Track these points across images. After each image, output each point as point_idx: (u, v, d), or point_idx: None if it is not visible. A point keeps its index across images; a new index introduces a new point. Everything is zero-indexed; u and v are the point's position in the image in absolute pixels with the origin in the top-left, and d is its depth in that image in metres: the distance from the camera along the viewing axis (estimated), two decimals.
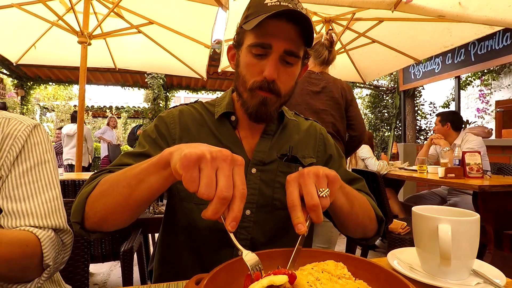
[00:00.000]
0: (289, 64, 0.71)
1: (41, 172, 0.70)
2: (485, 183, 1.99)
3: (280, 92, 0.72)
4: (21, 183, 0.67)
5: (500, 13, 2.13)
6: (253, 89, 0.71)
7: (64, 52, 3.71)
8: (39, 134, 0.73)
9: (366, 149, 3.33)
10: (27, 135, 0.70)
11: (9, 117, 0.70)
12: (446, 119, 2.98)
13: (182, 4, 2.74)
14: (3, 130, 0.68)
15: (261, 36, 0.68)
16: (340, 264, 0.48)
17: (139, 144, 0.78)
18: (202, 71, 4.00)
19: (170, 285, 0.55)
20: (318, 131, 0.90)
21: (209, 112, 0.82)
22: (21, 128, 0.70)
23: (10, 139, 0.68)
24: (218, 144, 0.76)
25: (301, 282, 0.44)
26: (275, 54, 0.69)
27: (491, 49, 4.45)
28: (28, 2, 2.78)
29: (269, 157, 0.78)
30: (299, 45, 0.71)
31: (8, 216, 0.64)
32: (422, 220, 0.58)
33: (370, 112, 8.05)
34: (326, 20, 3.31)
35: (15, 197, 0.65)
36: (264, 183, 0.76)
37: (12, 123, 0.69)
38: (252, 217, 0.74)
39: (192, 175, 0.43)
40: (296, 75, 0.75)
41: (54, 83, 8.45)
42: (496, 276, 0.56)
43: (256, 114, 0.73)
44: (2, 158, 0.66)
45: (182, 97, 19.79)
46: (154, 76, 7.58)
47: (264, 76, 0.69)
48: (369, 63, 4.02)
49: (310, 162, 0.82)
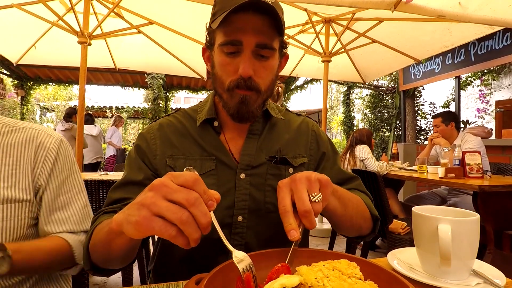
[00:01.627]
0: (264, 57, 0.68)
1: (72, 182, 0.79)
2: (485, 183, 1.99)
3: (259, 88, 0.69)
4: (58, 194, 0.75)
5: (500, 13, 2.13)
6: (231, 88, 0.68)
7: (64, 52, 3.72)
8: (66, 147, 0.79)
9: (365, 150, 3.25)
10: (57, 148, 0.76)
11: (37, 129, 0.76)
12: (449, 119, 2.93)
13: (182, 4, 2.74)
14: (35, 141, 0.74)
15: (230, 33, 0.65)
16: (353, 264, 0.48)
17: (124, 167, 0.78)
18: (202, 71, 4.00)
19: (170, 285, 0.55)
20: (310, 128, 0.87)
21: (191, 120, 0.80)
22: (51, 141, 0.76)
23: (44, 150, 0.74)
24: (202, 153, 0.75)
25: (309, 277, 0.44)
26: (247, 50, 0.66)
27: (491, 49, 4.45)
28: (28, 2, 2.78)
29: (257, 160, 0.76)
30: (272, 36, 0.67)
31: (50, 224, 0.74)
32: (422, 220, 0.58)
33: (370, 112, 8.04)
34: (326, 20, 3.31)
35: (54, 206, 0.74)
36: (254, 187, 0.75)
37: (42, 135, 0.76)
38: (244, 223, 0.73)
39: (148, 233, 0.41)
40: (274, 68, 0.72)
41: (54, 83, 8.45)
42: (496, 276, 0.56)
43: (238, 114, 0.70)
44: (39, 168, 0.73)
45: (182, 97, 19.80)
46: (154, 76, 7.58)
47: (239, 74, 0.66)
48: (369, 63, 4.02)
49: (302, 162, 0.80)
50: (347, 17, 3.12)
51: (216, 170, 0.74)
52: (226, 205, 0.73)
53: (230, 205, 0.73)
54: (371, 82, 7.71)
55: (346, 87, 8.42)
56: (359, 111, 8.87)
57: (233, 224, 0.73)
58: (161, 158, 0.75)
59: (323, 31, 3.34)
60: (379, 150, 7.64)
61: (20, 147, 0.72)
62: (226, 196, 0.73)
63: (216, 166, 0.75)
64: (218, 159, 0.75)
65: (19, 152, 0.72)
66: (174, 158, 0.74)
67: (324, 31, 3.34)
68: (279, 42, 0.71)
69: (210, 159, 0.75)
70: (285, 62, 0.79)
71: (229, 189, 0.74)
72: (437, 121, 3.01)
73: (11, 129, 0.74)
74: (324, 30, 3.34)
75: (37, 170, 0.72)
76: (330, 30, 3.37)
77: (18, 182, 0.70)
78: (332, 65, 3.49)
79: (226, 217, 0.73)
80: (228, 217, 0.73)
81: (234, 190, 0.74)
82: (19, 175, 0.70)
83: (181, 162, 0.74)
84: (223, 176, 0.74)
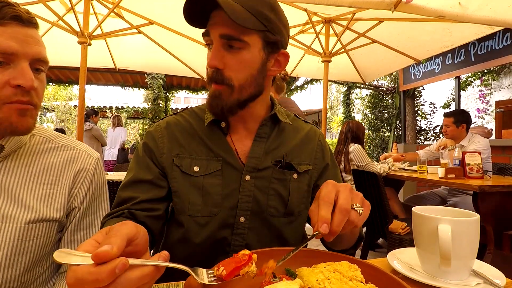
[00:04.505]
0: (234, 48, 0.68)
1: (100, 203, 0.78)
2: (485, 183, 1.99)
3: (230, 81, 0.69)
4: (86, 214, 0.74)
5: (500, 13, 2.12)
6: (209, 82, 0.70)
7: (64, 52, 3.71)
8: (100, 167, 0.78)
9: (359, 154, 2.91)
10: (94, 169, 0.76)
11: (79, 149, 0.76)
12: (461, 120, 2.83)
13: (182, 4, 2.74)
14: (76, 162, 0.74)
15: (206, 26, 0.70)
16: (354, 266, 0.48)
17: (131, 165, 0.78)
18: (202, 71, 4.00)
19: (170, 285, 0.55)
20: (317, 137, 0.87)
21: (199, 119, 0.80)
22: (91, 161, 0.76)
23: (84, 172, 0.74)
24: (209, 153, 0.76)
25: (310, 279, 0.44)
26: (215, 41, 0.68)
27: (491, 49, 4.45)
28: (28, 2, 2.78)
29: (264, 163, 0.77)
30: (238, 28, 0.65)
31: (69, 244, 0.72)
32: (422, 220, 0.58)
33: (370, 112, 8.04)
34: (326, 20, 3.30)
35: (79, 226, 0.73)
36: (258, 189, 0.76)
37: (83, 155, 0.75)
38: (246, 224, 0.74)
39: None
40: (250, 61, 0.69)
41: (54, 83, 8.45)
42: (496, 276, 0.56)
43: (211, 107, 0.72)
44: (77, 189, 0.72)
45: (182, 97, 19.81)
46: (154, 76, 7.58)
47: (207, 65, 0.69)
48: (369, 63, 4.01)
49: (306, 169, 0.81)
50: (347, 17, 3.11)
51: (222, 170, 0.75)
52: (230, 206, 0.74)
53: (234, 205, 0.74)
54: (371, 82, 7.71)
55: (346, 87, 8.43)
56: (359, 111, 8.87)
57: (235, 224, 0.74)
58: (168, 156, 0.75)
59: (323, 31, 3.34)
60: (379, 150, 7.64)
61: (61, 167, 0.72)
62: (230, 197, 0.74)
63: (222, 167, 0.75)
64: (224, 160, 0.76)
65: (59, 172, 0.71)
66: (181, 157, 0.75)
67: (324, 31, 3.33)
68: (261, 37, 0.69)
69: (217, 159, 0.75)
70: (285, 61, 0.76)
71: (234, 190, 0.75)
72: (449, 120, 2.88)
73: (53, 146, 0.73)
74: (324, 30, 3.34)
75: (75, 191, 0.72)
76: (330, 30, 3.37)
77: (55, 202, 0.69)
78: (332, 65, 3.48)
79: (229, 217, 0.74)
80: (231, 217, 0.74)
81: (238, 191, 0.74)
82: (56, 195, 0.70)
83: (187, 162, 0.75)
84: (229, 177, 0.75)
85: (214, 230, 0.73)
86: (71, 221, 0.72)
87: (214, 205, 0.73)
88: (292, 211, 0.79)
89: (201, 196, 0.73)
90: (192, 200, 0.73)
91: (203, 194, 0.73)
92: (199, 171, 0.74)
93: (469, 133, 2.91)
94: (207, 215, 0.73)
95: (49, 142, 0.73)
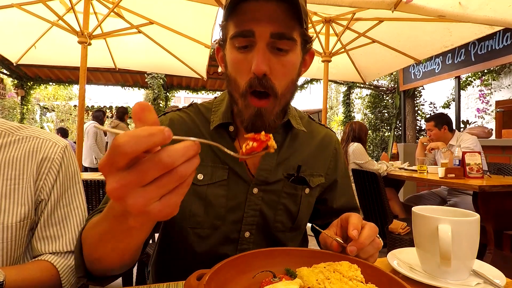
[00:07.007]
0: (282, 51, 0.58)
1: (72, 195, 0.72)
2: (485, 183, 1.99)
3: (275, 91, 0.59)
4: (56, 207, 0.68)
5: (500, 13, 2.13)
6: (246, 94, 0.59)
7: (64, 52, 3.71)
8: (70, 155, 0.72)
9: (358, 152, 2.93)
10: (61, 158, 0.69)
11: (42, 138, 0.69)
12: (441, 122, 2.97)
13: (182, 4, 2.74)
14: (39, 152, 0.67)
15: (240, 23, 0.56)
16: (354, 266, 0.48)
17: None
18: (202, 71, 4.00)
19: (170, 285, 0.55)
20: (333, 145, 0.81)
21: (204, 120, 0.73)
22: (56, 150, 0.69)
23: (48, 161, 0.67)
24: (215, 159, 0.69)
25: (310, 279, 0.44)
26: (261, 41, 0.56)
27: (491, 49, 4.45)
28: (28, 2, 2.78)
29: (274, 175, 0.70)
30: (290, 25, 0.57)
31: (41, 241, 0.66)
32: (422, 220, 0.58)
33: (370, 112, 8.03)
34: (326, 20, 3.30)
35: (50, 221, 0.67)
36: (266, 204, 0.70)
37: (46, 144, 0.69)
38: (251, 239, 0.70)
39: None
40: (295, 65, 0.61)
41: (54, 83, 8.45)
42: (496, 276, 0.56)
43: (253, 128, 0.61)
44: (42, 181, 0.66)
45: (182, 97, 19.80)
46: (154, 76, 7.57)
47: (252, 71, 0.56)
48: (369, 63, 4.01)
49: (318, 182, 0.77)
50: (347, 17, 3.11)
51: (228, 181, 0.69)
52: (234, 219, 0.69)
53: (239, 219, 0.69)
54: (371, 82, 7.71)
55: (346, 87, 8.42)
56: (359, 111, 8.86)
57: (240, 240, 0.70)
58: None
59: (323, 31, 3.34)
60: (379, 150, 7.63)
61: (23, 159, 0.66)
62: (235, 210, 0.69)
63: (228, 177, 0.69)
64: (231, 169, 0.69)
65: (22, 165, 0.65)
66: None
67: (324, 31, 3.33)
68: (301, 34, 0.61)
69: (223, 167, 0.69)
70: (311, 60, 0.69)
71: (239, 203, 0.69)
72: (430, 125, 3.04)
73: (14, 138, 0.67)
74: (324, 30, 3.34)
75: (40, 182, 0.66)
76: (330, 30, 3.37)
77: (20, 197, 0.64)
78: (332, 65, 3.48)
79: (233, 232, 0.69)
80: (235, 232, 0.69)
81: (244, 204, 0.69)
82: (21, 190, 0.64)
83: None
84: (234, 188, 0.69)
85: (215, 244, 0.69)
86: (39, 215, 0.67)
87: (217, 218, 0.68)
88: (299, 226, 0.76)
89: (204, 206, 0.68)
90: (194, 211, 0.68)
91: (206, 205, 0.68)
92: (203, 179, 0.68)
93: (456, 132, 2.98)
94: (209, 228, 0.68)
95: (9, 136, 0.67)
